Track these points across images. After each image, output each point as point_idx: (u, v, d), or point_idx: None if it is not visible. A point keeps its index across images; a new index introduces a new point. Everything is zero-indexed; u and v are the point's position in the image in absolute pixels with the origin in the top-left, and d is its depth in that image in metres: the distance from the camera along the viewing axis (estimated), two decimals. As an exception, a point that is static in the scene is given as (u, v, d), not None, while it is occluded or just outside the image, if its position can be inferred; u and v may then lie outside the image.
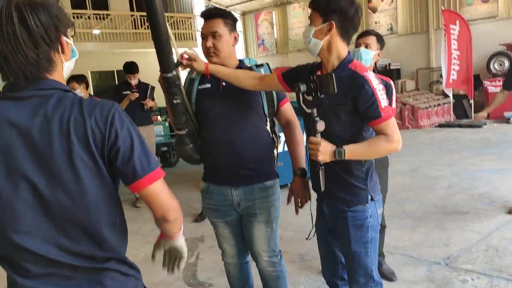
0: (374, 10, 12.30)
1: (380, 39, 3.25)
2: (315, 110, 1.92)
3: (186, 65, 2.26)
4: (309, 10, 2.04)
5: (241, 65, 2.41)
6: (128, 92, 5.92)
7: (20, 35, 1.12)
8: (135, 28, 17.65)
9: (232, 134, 2.32)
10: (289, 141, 2.52)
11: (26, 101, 1.18)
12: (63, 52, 1.26)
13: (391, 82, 3.30)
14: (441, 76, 11.89)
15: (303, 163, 2.43)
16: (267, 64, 2.51)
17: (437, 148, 8.54)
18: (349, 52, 2.03)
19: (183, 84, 2.34)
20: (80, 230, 1.25)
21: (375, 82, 1.93)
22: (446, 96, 11.86)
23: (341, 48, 2.01)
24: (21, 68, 1.16)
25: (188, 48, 2.21)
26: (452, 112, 11.79)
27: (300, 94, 2.01)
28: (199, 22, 19.96)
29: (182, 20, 18.88)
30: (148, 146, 1.31)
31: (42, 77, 1.22)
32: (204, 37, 2.34)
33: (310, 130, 1.95)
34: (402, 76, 15.34)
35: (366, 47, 3.17)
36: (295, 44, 19.30)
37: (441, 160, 7.40)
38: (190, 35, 19.21)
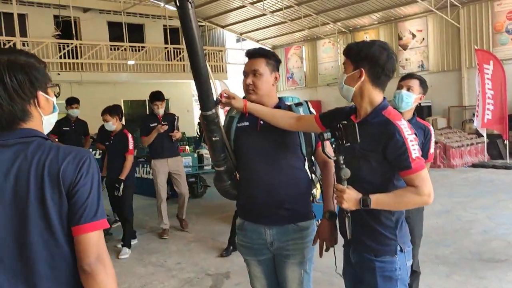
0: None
1: (423, 83, 3.23)
2: (341, 158, 1.91)
3: (225, 103, 2.28)
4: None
5: (280, 104, 2.42)
6: (155, 124, 5.93)
7: None
8: (168, 60, 18.12)
9: (268, 172, 2.31)
10: (323, 182, 2.48)
11: (9, 148, 1.33)
12: (39, 106, 1.41)
13: (431, 127, 3.24)
14: (473, 114, 11.67)
15: (333, 205, 2.38)
16: (306, 102, 2.49)
17: (471, 190, 8.27)
18: (384, 99, 2.02)
19: (222, 121, 2.37)
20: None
21: (407, 132, 1.89)
22: (479, 135, 11.59)
23: (374, 95, 2.00)
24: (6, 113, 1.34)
25: (219, 80, 2.22)
26: (486, 152, 11.49)
27: (324, 142, 2.01)
28: (230, 55, 20.38)
29: (213, 53, 19.30)
30: (101, 196, 1.38)
31: (17, 125, 1.37)
32: (245, 74, 2.39)
33: (336, 176, 1.92)
34: (433, 113, 15.14)
35: (408, 90, 3.16)
36: (324, 78, 19.38)
37: (475, 203, 7.15)
38: (221, 67, 19.58)
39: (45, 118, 1.45)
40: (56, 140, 6.98)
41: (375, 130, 1.93)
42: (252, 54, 2.41)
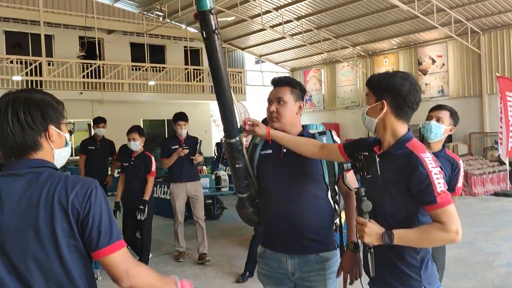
0: None
1: (454, 114, 3.19)
2: (362, 189, 1.86)
3: (248, 131, 2.29)
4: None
5: (303, 132, 2.43)
6: (177, 146, 5.80)
7: (10, 120, 1.44)
8: (188, 81, 18.37)
9: (289, 201, 2.30)
10: (347, 212, 2.46)
11: (22, 177, 1.43)
12: (50, 139, 1.52)
13: (460, 162, 3.16)
14: (496, 142, 11.48)
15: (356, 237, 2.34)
16: (330, 131, 2.48)
17: (494, 219, 8.08)
18: (408, 130, 1.98)
19: (246, 148, 2.38)
20: None
21: (431, 164, 1.83)
22: (501, 163, 11.37)
23: (397, 126, 1.96)
24: (10, 145, 1.46)
25: (237, 101, 2.25)
26: (508, 180, 11.25)
27: (344, 172, 1.98)
28: (249, 77, 20.55)
29: (233, 74, 19.51)
30: (114, 219, 1.47)
31: (28, 155, 1.49)
32: (270, 101, 2.41)
33: (358, 209, 1.88)
34: (453, 139, 14.93)
35: (438, 121, 3.12)
36: (343, 102, 19.37)
37: (498, 233, 6.97)
38: (240, 88, 19.75)
39: (56, 152, 1.55)
40: (84, 159, 7.07)
41: (398, 162, 1.89)
42: (277, 82, 2.43)
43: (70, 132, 1.64)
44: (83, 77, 15.94)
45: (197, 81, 18.57)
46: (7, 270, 1.39)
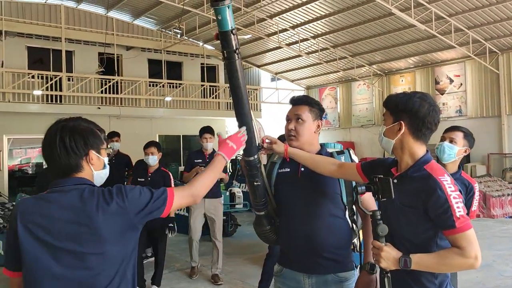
0: None
1: (468, 136, 3.16)
2: (378, 213, 1.84)
3: (267, 148, 2.31)
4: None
5: (321, 151, 2.43)
6: (200, 161, 5.66)
7: (58, 146, 1.70)
8: (204, 97, 18.53)
9: (306, 220, 2.29)
10: (364, 232, 2.42)
11: (67, 192, 1.67)
12: (90, 162, 1.74)
13: (475, 185, 3.12)
14: (515, 163, 11.28)
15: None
16: (348, 150, 2.48)
17: (513, 242, 7.89)
18: (427, 151, 1.95)
19: (264, 166, 2.38)
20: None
21: (450, 188, 1.79)
22: (521, 184, 11.16)
23: (415, 148, 1.93)
24: (57, 166, 1.72)
25: (255, 119, 2.27)
26: (527, 202, 11.01)
27: (359, 195, 1.95)
28: (264, 94, 20.65)
29: (248, 91, 19.57)
30: (146, 189, 1.76)
31: (71, 175, 1.72)
32: (288, 119, 2.42)
33: (374, 233, 1.85)
34: (471, 160, 14.73)
35: (451, 141, 3.10)
36: (358, 120, 19.30)
37: (517, 257, 6.80)
38: (255, 105, 19.84)
39: (95, 173, 1.78)
40: None
41: (416, 185, 1.85)
42: (296, 101, 2.45)
43: (108, 155, 1.87)
44: (101, 92, 16.21)
45: (213, 97, 18.73)
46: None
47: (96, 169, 1.77)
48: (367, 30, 15.46)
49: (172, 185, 5.27)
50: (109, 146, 1.95)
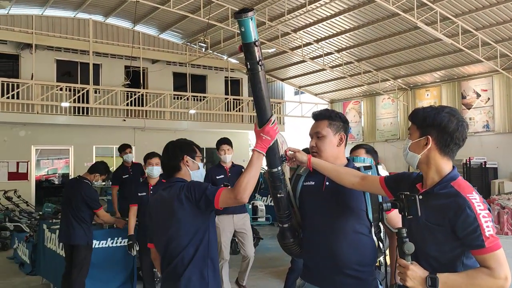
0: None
1: (371, 151, 3.40)
2: (403, 230, 1.78)
3: (290, 157, 2.29)
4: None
5: (348, 164, 2.39)
6: (222, 176, 5.32)
7: (165, 154, 2.69)
8: (227, 110, 18.64)
9: (329, 235, 2.25)
10: (390, 251, 2.36)
11: (171, 186, 2.55)
12: (186, 164, 2.64)
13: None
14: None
15: None
16: (377, 166, 2.44)
17: (545, 262, 7.58)
18: (453, 168, 1.89)
19: (289, 179, 2.37)
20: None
21: (479, 207, 1.73)
22: (552, 202, 10.77)
23: (442, 164, 1.88)
24: (166, 169, 2.71)
25: (280, 137, 2.26)
26: (560, 221, 10.61)
27: (384, 212, 1.90)
28: (288, 108, 20.66)
29: (272, 105, 19.60)
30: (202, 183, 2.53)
31: (174, 174, 2.63)
32: (310, 136, 2.41)
33: (399, 251, 1.80)
34: (499, 176, 14.35)
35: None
36: (383, 134, 19.08)
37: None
38: (279, 119, 19.84)
39: (191, 173, 2.65)
40: (117, 189, 7.17)
41: (443, 202, 1.79)
42: (316, 116, 2.43)
43: (202, 160, 2.72)
44: (127, 104, 16.49)
45: (236, 110, 18.84)
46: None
47: (191, 170, 2.64)
48: (392, 44, 15.35)
49: None
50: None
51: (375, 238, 2.31)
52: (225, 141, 5.31)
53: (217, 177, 5.33)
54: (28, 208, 11.50)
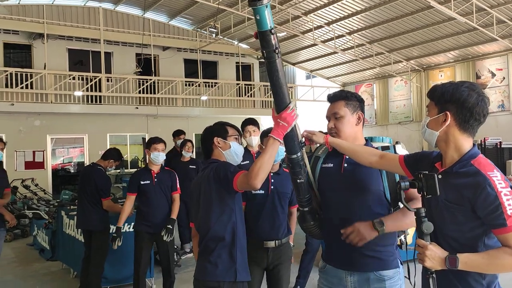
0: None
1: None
2: (422, 210, 1.76)
3: (307, 138, 2.29)
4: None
5: (366, 144, 2.39)
6: (247, 162, 4.61)
7: (202, 138, 2.87)
8: (239, 96, 18.61)
9: (348, 216, 2.25)
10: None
11: (207, 167, 2.70)
12: (218, 145, 2.76)
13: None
14: None
15: (393, 225, 2.25)
16: (395, 146, 2.42)
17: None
18: (474, 146, 1.84)
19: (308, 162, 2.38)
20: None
21: (501, 184, 1.69)
22: None
23: (461, 141, 1.83)
24: (203, 152, 2.85)
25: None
26: None
27: (402, 191, 1.87)
28: (300, 92, 20.55)
29: (284, 90, 19.54)
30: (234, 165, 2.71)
31: (210, 156, 2.78)
32: (328, 119, 2.40)
33: (418, 230, 1.78)
34: (506, 158, 14.14)
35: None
36: (396, 117, 18.91)
37: None
38: (290, 103, 19.76)
39: (224, 153, 2.75)
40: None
41: (462, 182, 1.75)
42: (332, 98, 2.42)
43: (236, 139, 2.80)
44: (139, 92, 16.55)
45: (248, 96, 18.80)
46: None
47: (224, 150, 2.74)
48: (404, 25, 15.10)
49: (178, 186, 4.84)
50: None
51: None
52: (250, 121, 4.58)
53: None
54: (45, 196, 11.71)
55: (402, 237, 2.37)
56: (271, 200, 3.30)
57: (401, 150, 2.39)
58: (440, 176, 1.76)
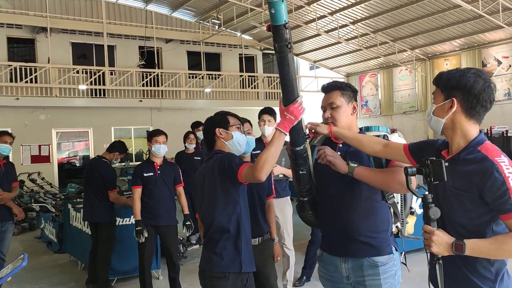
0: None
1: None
2: (429, 196, 1.75)
3: (310, 130, 2.29)
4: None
5: (361, 133, 2.40)
6: (259, 152, 4.38)
7: (203, 130, 2.92)
8: (242, 87, 18.58)
9: (342, 203, 2.29)
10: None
11: (210, 158, 2.68)
12: (220, 136, 2.72)
13: None
14: None
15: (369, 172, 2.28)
16: (387, 136, 2.43)
17: None
18: (480, 132, 1.83)
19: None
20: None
21: (508, 170, 1.68)
22: None
23: (468, 128, 1.81)
24: (205, 143, 2.84)
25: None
26: None
27: (409, 177, 1.85)
28: (303, 83, 20.47)
29: (287, 81, 19.48)
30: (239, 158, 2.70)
31: (213, 147, 2.75)
32: (323, 109, 2.41)
33: (424, 216, 1.77)
34: (516, 145, 14.06)
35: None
36: (400, 106, 18.81)
37: None
38: (294, 95, 19.71)
39: (226, 143, 2.72)
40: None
41: (470, 168, 1.74)
42: (327, 88, 2.43)
43: (238, 128, 2.75)
44: (143, 85, 16.55)
45: (252, 87, 18.76)
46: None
47: (226, 140, 2.71)
48: (408, 13, 14.97)
49: (181, 179, 4.83)
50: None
51: (388, 203, 2.32)
52: (266, 111, 4.47)
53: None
54: (52, 189, 11.78)
55: (398, 224, 2.38)
56: (249, 196, 2.97)
57: (397, 139, 2.39)
58: (447, 164, 1.75)
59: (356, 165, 2.19)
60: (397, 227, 2.42)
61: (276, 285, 3.36)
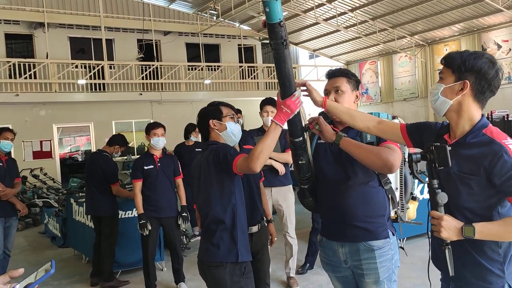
0: None
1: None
2: (435, 181, 1.76)
3: (306, 92, 2.27)
4: (441, 66, 1.92)
5: None
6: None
7: (197, 121, 2.86)
8: (242, 78, 18.53)
9: (338, 189, 2.32)
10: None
11: (206, 149, 2.70)
12: (214, 127, 2.74)
13: None
14: None
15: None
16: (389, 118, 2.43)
17: None
18: (482, 116, 1.84)
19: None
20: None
21: None
22: None
23: (474, 111, 1.82)
24: (201, 135, 2.88)
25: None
26: None
27: (414, 164, 1.85)
28: (303, 72, 20.40)
29: (287, 70, 19.41)
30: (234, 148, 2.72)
31: (208, 138, 2.79)
32: (327, 93, 2.41)
33: (431, 202, 1.78)
34: (518, 128, 14.03)
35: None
36: (401, 93, 18.76)
37: None
38: (294, 84, 19.64)
39: (221, 134, 2.74)
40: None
41: (476, 152, 1.75)
42: (333, 73, 2.45)
43: (231, 119, 2.76)
44: (142, 78, 16.52)
45: (251, 78, 18.71)
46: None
47: (221, 131, 2.73)
48: (407, -1, 14.87)
49: (180, 171, 4.89)
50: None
51: (384, 189, 2.33)
52: (269, 102, 4.50)
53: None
54: (54, 184, 11.81)
55: (398, 210, 2.38)
56: (246, 183, 3.04)
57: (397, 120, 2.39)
58: (450, 148, 1.75)
59: (344, 135, 2.22)
60: (395, 212, 2.43)
61: (269, 271, 3.40)
